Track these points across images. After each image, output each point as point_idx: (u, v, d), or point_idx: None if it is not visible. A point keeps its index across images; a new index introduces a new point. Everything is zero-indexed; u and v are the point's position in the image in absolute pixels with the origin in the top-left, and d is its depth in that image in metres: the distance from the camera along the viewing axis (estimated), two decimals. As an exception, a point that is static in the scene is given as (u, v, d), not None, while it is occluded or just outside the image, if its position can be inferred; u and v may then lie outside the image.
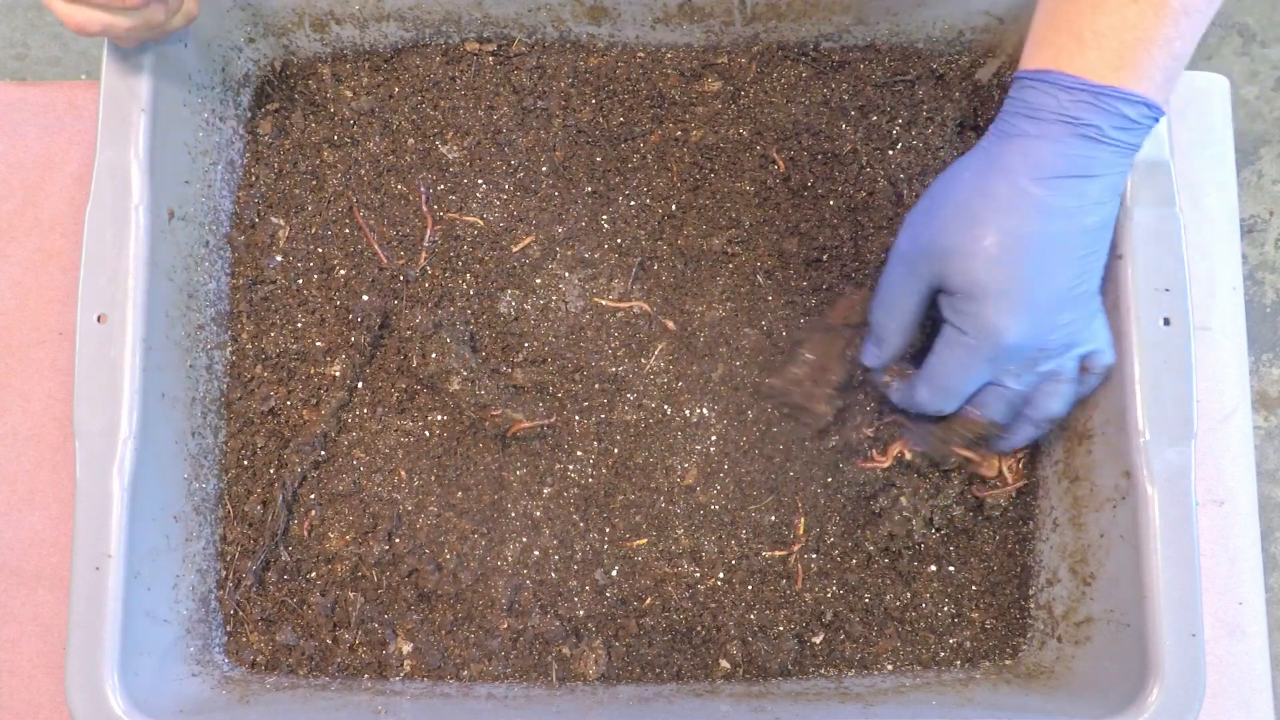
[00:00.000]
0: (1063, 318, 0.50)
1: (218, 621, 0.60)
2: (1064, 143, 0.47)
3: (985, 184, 0.49)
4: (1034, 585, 0.61)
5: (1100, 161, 0.48)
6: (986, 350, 0.51)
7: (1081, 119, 0.47)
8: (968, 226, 0.49)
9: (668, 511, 0.62)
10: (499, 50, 0.66)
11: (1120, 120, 0.47)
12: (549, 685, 0.60)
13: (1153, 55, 0.46)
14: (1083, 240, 0.49)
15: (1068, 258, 0.49)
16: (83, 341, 0.54)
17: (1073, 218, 0.48)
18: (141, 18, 0.50)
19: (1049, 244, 0.48)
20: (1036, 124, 0.48)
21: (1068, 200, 0.48)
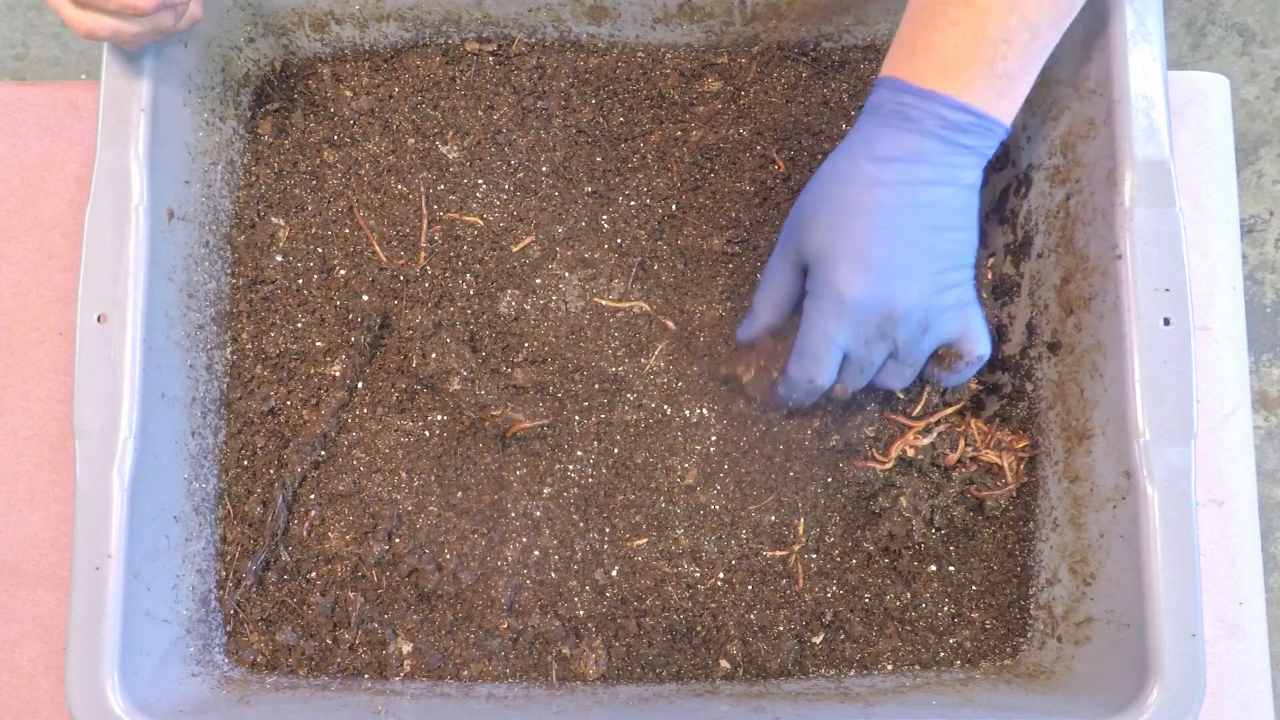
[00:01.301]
0: (911, 286, 0.54)
1: (218, 621, 0.60)
2: (894, 131, 0.53)
3: (835, 167, 0.55)
4: (1034, 585, 0.61)
5: (925, 150, 0.53)
6: (833, 308, 0.55)
7: (906, 114, 0.53)
8: (818, 201, 0.56)
9: (668, 511, 0.62)
10: (499, 50, 0.66)
11: (939, 120, 0.52)
12: (549, 685, 0.60)
13: (973, 71, 0.52)
14: (919, 214, 0.54)
15: (903, 228, 0.54)
16: (83, 341, 0.54)
17: (902, 193, 0.53)
18: (150, 24, 0.50)
19: (881, 213, 0.53)
20: (874, 118, 0.54)
21: (896, 176, 0.53)
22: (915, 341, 0.56)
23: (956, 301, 0.56)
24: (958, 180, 0.54)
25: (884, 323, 0.55)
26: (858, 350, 0.56)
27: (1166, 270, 0.54)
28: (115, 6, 0.48)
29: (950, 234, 0.55)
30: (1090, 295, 0.58)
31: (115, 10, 0.49)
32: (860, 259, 0.54)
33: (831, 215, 0.55)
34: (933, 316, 0.56)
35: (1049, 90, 0.62)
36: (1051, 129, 0.62)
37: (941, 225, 0.54)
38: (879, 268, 0.53)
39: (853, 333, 0.55)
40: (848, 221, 0.54)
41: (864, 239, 0.53)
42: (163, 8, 0.49)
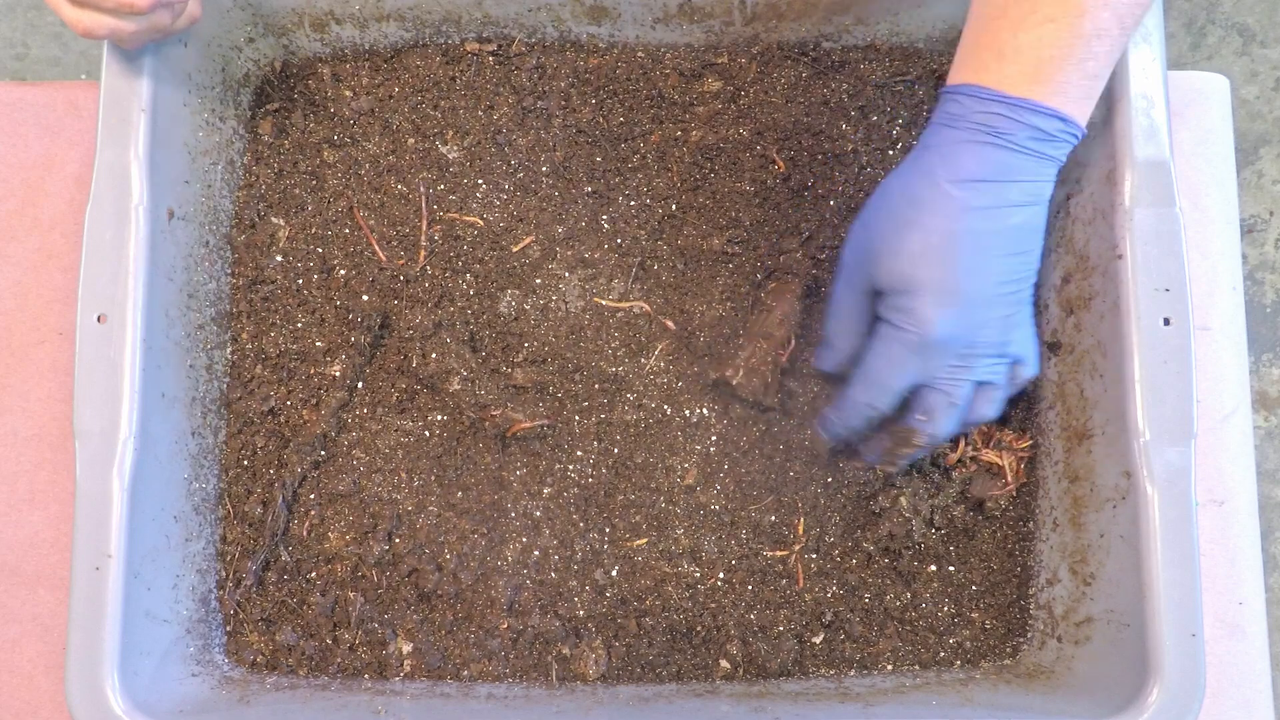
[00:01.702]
0: (992, 314, 0.52)
1: (218, 621, 0.60)
2: (981, 149, 0.50)
3: (909, 189, 0.52)
4: (1034, 585, 0.61)
5: (1016, 168, 0.50)
6: (915, 341, 0.52)
7: (996, 128, 0.50)
8: (895, 229, 0.52)
9: (668, 511, 0.62)
10: (499, 50, 0.66)
11: (1032, 131, 0.49)
12: (549, 685, 0.60)
13: (1066, 72, 0.49)
14: (1006, 239, 0.51)
15: (992, 254, 0.51)
16: (83, 341, 0.54)
17: (992, 217, 0.50)
18: (148, 22, 0.50)
19: (971, 240, 0.50)
20: (956, 133, 0.51)
21: (986, 200, 0.50)
22: (999, 365, 0.54)
23: (1027, 318, 0.55)
24: (1043, 197, 0.51)
25: (968, 354, 0.53)
26: (940, 382, 0.54)
27: (1166, 270, 0.54)
28: (113, 5, 0.48)
29: (1029, 254, 0.52)
30: (1090, 295, 0.58)
31: (113, 9, 0.49)
32: (947, 293, 0.51)
33: (913, 244, 0.51)
34: (1013, 339, 0.54)
35: (1049, 90, 0.62)
36: (1051, 129, 0.62)
37: (1023, 248, 0.52)
38: (966, 302, 0.51)
39: (935, 366, 0.53)
40: (933, 253, 0.51)
41: (954, 271, 0.50)
42: (159, 6, 0.49)
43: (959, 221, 0.50)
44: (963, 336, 0.52)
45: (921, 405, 0.55)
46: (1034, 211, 0.51)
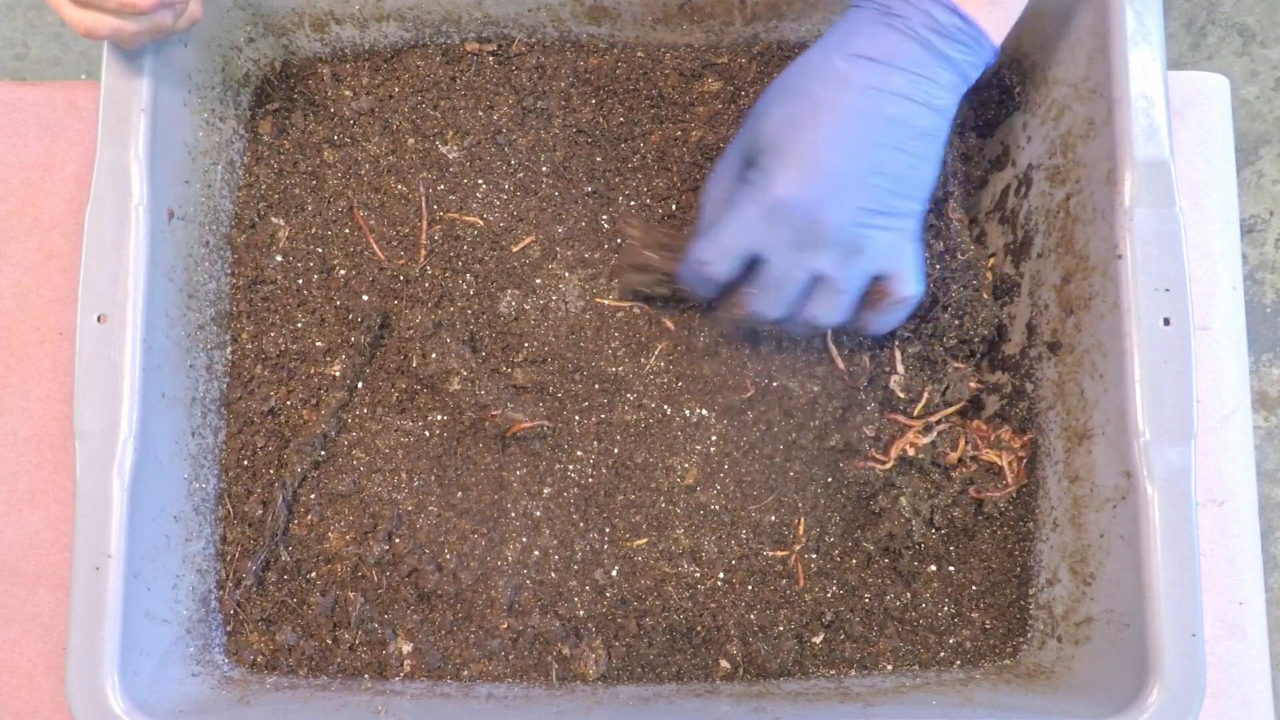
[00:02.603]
0: (847, 198, 0.50)
1: (218, 621, 0.60)
2: (874, 28, 0.50)
3: (805, 59, 0.52)
4: (1034, 585, 0.61)
5: (905, 54, 0.49)
6: (760, 198, 0.51)
7: (891, 9, 0.49)
8: (779, 93, 0.52)
9: (668, 511, 0.62)
10: (499, 50, 0.66)
11: (927, 19, 0.49)
12: (549, 685, 0.60)
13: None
14: (880, 127, 0.50)
15: (860, 135, 0.50)
16: (83, 341, 0.54)
17: (870, 97, 0.49)
18: (149, 23, 0.51)
19: (842, 113, 0.49)
20: (859, 12, 0.51)
21: (867, 79, 0.49)
22: (844, 264, 0.52)
23: (897, 231, 0.52)
24: (931, 98, 0.50)
25: (810, 231, 0.50)
26: (779, 259, 0.52)
27: (1166, 270, 0.54)
28: (114, 5, 0.48)
29: (908, 158, 0.51)
30: (1090, 295, 0.58)
31: (115, 9, 0.49)
32: (803, 157, 0.50)
33: (787, 108, 0.51)
34: (866, 240, 0.51)
35: (1049, 90, 0.62)
36: (1051, 129, 0.62)
37: (901, 145, 0.50)
38: (821, 171, 0.49)
39: (774, 235, 0.51)
40: (802, 117, 0.50)
41: (813, 138, 0.50)
42: (161, 7, 0.50)
43: (836, 93, 0.49)
44: (808, 207, 0.50)
45: (755, 276, 0.53)
46: (919, 110, 0.50)
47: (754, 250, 0.52)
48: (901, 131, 0.50)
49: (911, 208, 0.53)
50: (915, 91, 0.50)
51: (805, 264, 0.52)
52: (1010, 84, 0.65)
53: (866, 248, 0.52)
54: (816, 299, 0.53)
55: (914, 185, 0.52)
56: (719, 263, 0.53)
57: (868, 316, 0.55)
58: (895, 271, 0.53)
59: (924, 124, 0.51)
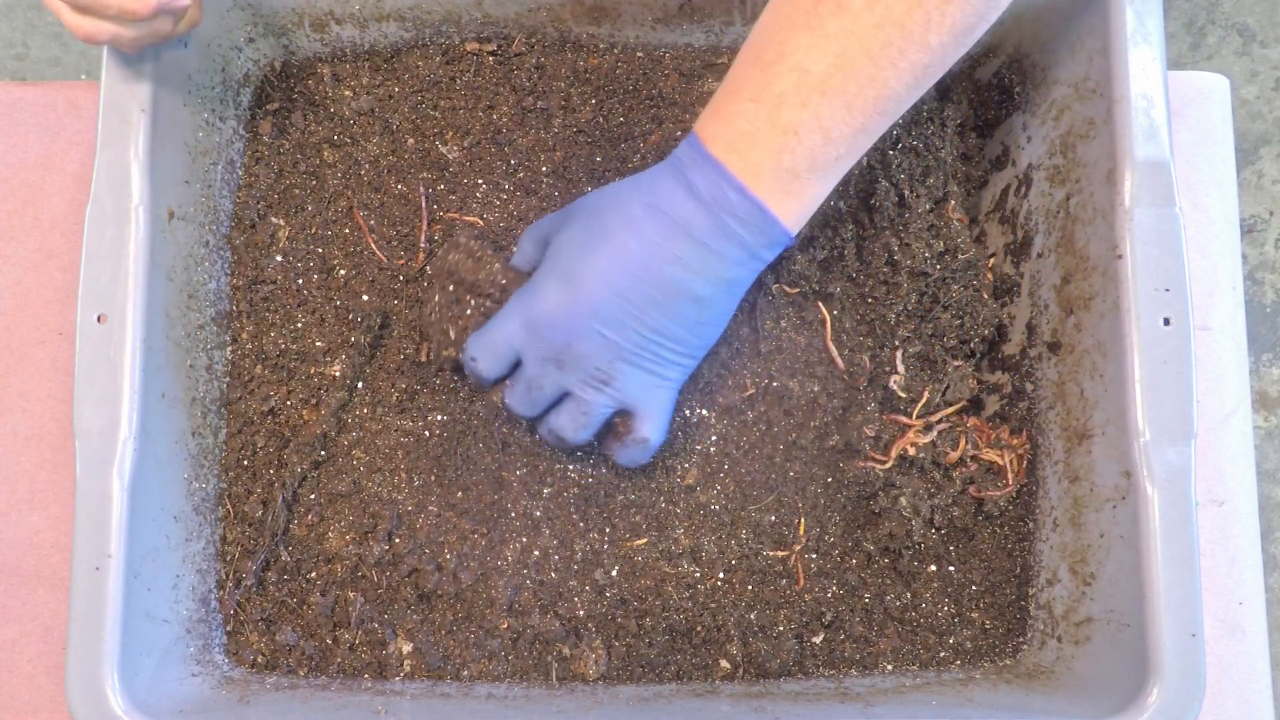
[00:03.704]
0: (596, 328, 0.51)
1: (218, 621, 0.60)
2: (674, 185, 0.51)
3: (615, 189, 0.53)
4: (1034, 585, 0.61)
5: (698, 225, 0.50)
6: (525, 309, 0.53)
7: (690, 176, 0.50)
8: (580, 214, 0.53)
9: (668, 511, 0.62)
10: (499, 50, 0.66)
11: (715, 194, 0.49)
12: (549, 685, 0.60)
13: (759, 156, 0.49)
14: (654, 282, 0.50)
15: (631, 282, 0.50)
16: (83, 341, 0.54)
17: (652, 251, 0.50)
18: (149, 28, 0.51)
19: (619, 255, 0.50)
20: (671, 164, 0.52)
21: (652, 233, 0.50)
22: (590, 389, 0.53)
23: (651, 375, 0.53)
24: (713, 270, 0.51)
25: (563, 352, 0.52)
26: (530, 365, 0.54)
27: (1166, 270, 0.54)
28: (114, 12, 0.48)
29: (676, 318, 0.51)
30: (1090, 295, 0.58)
31: (114, 15, 0.49)
32: (573, 284, 0.51)
33: (584, 226, 0.52)
34: (616, 375, 0.53)
35: (1049, 90, 0.62)
36: (1051, 129, 0.62)
37: (671, 305, 0.51)
38: (584, 302, 0.51)
39: (532, 345, 0.53)
40: (588, 240, 0.51)
41: (588, 269, 0.51)
42: (161, 12, 0.50)
43: (623, 235, 0.51)
44: (564, 331, 0.52)
45: (515, 373, 0.56)
46: (698, 280, 0.51)
47: (516, 352, 0.55)
48: (674, 293, 0.51)
49: (675, 360, 0.54)
50: (696, 261, 0.50)
51: (554, 378, 0.54)
52: (1010, 84, 0.65)
53: (615, 382, 0.53)
54: (563, 411, 0.55)
55: (684, 341, 0.53)
56: (484, 361, 0.55)
57: (611, 444, 0.57)
58: (640, 412, 0.55)
59: (701, 292, 0.51)
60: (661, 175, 0.51)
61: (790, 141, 0.48)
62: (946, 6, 0.47)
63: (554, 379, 0.54)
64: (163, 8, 0.49)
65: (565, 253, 0.52)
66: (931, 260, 0.63)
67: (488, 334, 0.55)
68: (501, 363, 0.55)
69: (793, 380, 0.63)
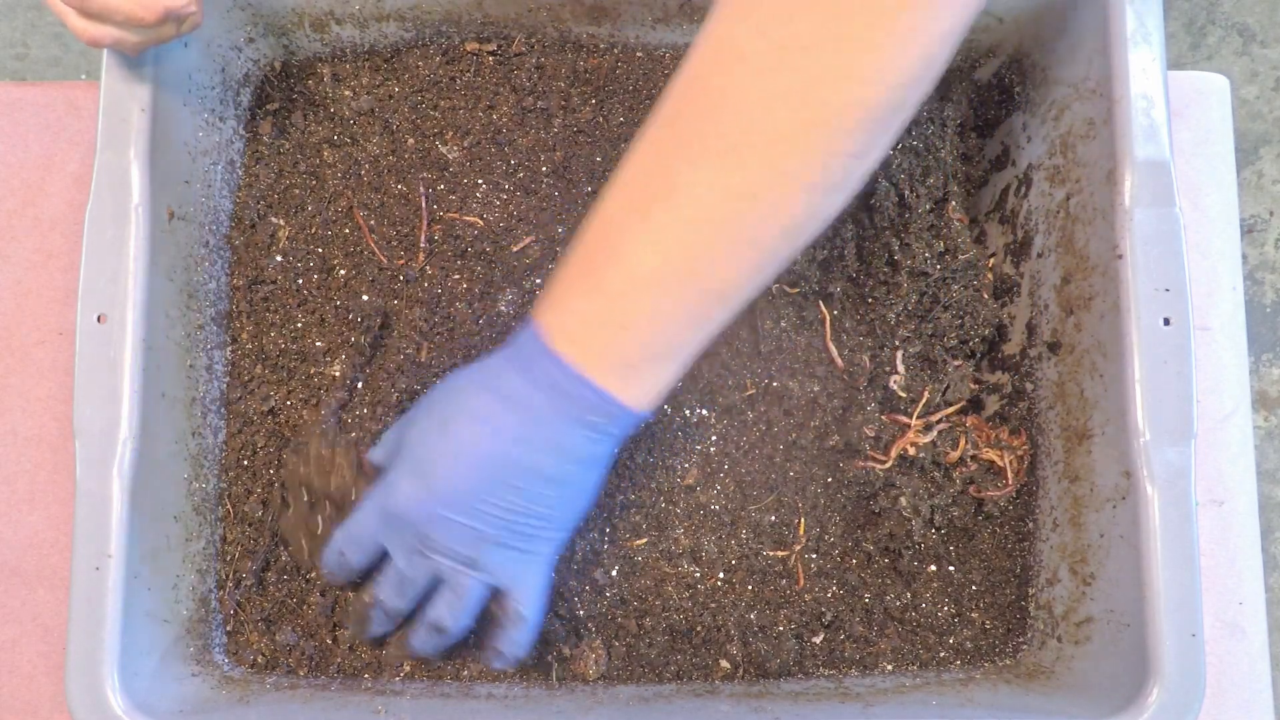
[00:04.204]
0: (457, 519, 0.51)
1: (218, 621, 0.60)
2: (517, 375, 0.50)
3: (459, 379, 0.53)
4: (1034, 585, 0.61)
5: (540, 412, 0.49)
6: (379, 498, 0.52)
7: (531, 365, 0.50)
8: (427, 405, 0.53)
9: (668, 511, 0.62)
10: (499, 50, 0.66)
11: (555, 379, 0.49)
12: (549, 685, 0.60)
13: (596, 346, 0.48)
14: (505, 466, 0.50)
15: (481, 469, 0.50)
16: (83, 341, 0.54)
17: (499, 437, 0.50)
18: (154, 33, 0.51)
19: (466, 444, 0.50)
20: (512, 352, 0.51)
21: (496, 416, 0.50)
22: (458, 574, 0.53)
23: (518, 553, 0.53)
24: (564, 452, 0.50)
25: (425, 540, 0.52)
26: (398, 557, 0.53)
27: (1166, 270, 0.54)
28: (121, 18, 0.49)
29: (535, 495, 0.51)
30: (1090, 295, 0.58)
31: (121, 21, 0.49)
32: (420, 472, 0.51)
33: (431, 417, 0.52)
34: (484, 555, 0.52)
35: (1049, 90, 0.62)
36: (1051, 129, 0.62)
37: (526, 486, 0.51)
38: (437, 493, 0.50)
39: (394, 537, 0.53)
40: (435, 430, 0.51)
41: (436, 455, 0.51)
42: (167, 18, 0.50)
43: (468, 425, 0.50)
44: (420, 522, 0.51)
45: (383, 566, 0.54)
46: (550, 460, 0.50)
47: (379, 545, 0.54)
48: (526, 476, 0.50)
49: (540, 535, 0.53)
50: (544, 445, 0.50)
51: (423, 567, 0.53)
52: (1010, 84, 0.65)
53: (481, 564, 0.52)
54: (438, 600, 0.54)
55: (545, 519, 0.52)
56: (352, 553, 0.54)
57: (493, 633, 0.55)
58: (513, 590, 0.54)
59: (553, 473, 0.51)
60: (504, 364, 0.51)
61: (627, 335, 0.48)
62: (780, 201, 0.45)
63: (422, 568, 0.53)
64: (169, 13, 0.49)
65: (414, 445, 0.52)
66: (931, 260, 0.63)
67: (350, 527, 0.54)
68: (367, 554, 0.54)
69: (793, 380, 0.63)
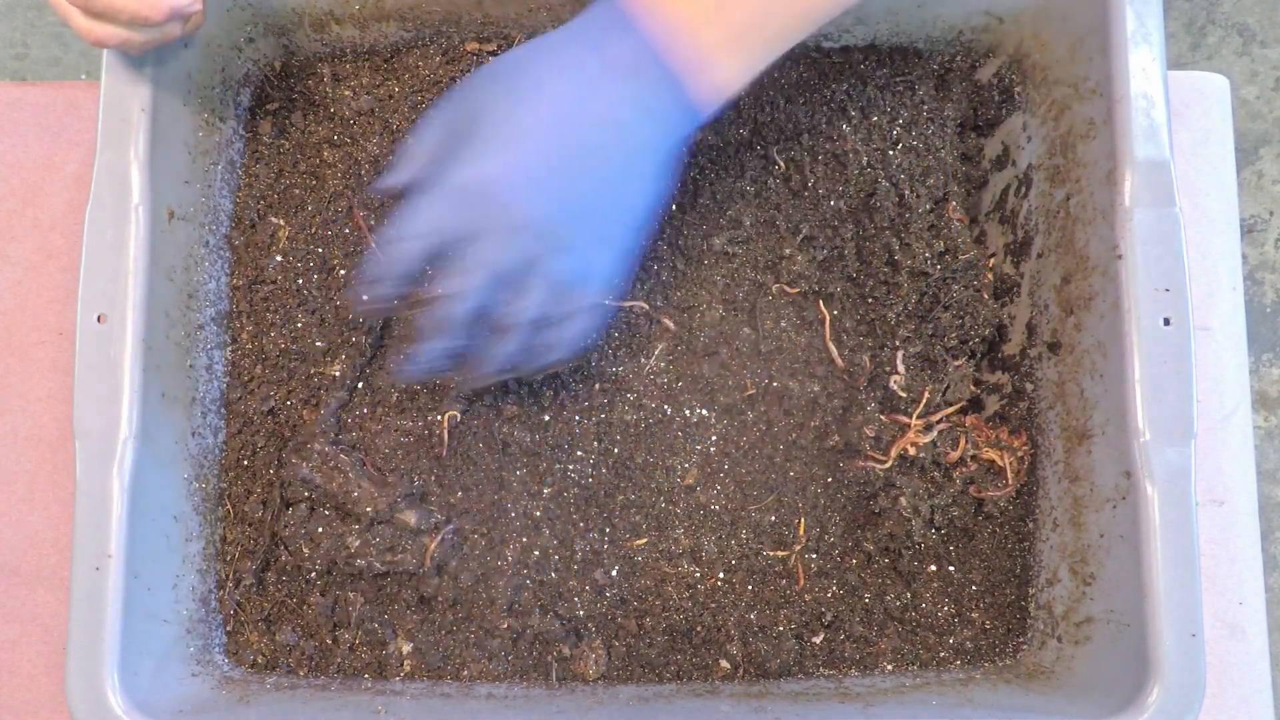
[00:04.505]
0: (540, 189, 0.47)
1: (218, 621, 0.60)
2: (614, 37, 0.47)
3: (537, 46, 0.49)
4: (1034, 585, 0.61)
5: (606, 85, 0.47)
6: (456, 174, 0.48)
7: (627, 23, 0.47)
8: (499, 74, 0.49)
9: (668, 511, 0.62)
10: (499, 50, 0.66)
11: (622, 58, 0.47)
12: (549, 685, 0.60)
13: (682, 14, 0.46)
14: (577, 141, 0.47)
15: (559, 142, 0.47)
16: (83, 341, 0.54)
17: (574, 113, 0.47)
18: (159, 32, 0.51)
19: (546, 119, 0.47)
20: (601, 11, 0.48)
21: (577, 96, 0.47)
22: (549, 256, 0.49)
23: (600, 240, 0.50)
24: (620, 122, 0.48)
25: (510, 216, 0.48)
26: (481, 244, 0.48)
27: (1166, 270, 0.54)
28: (127, 17, 0.49)
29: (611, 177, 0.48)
30: (1090, 295, 0.58)
31: (127, 21, 0.49)
32: (508, 145, 0.47)
33: (504, 93, 0.48)
34: (570, 236, 0.48)
35: (1049, 90, 0.62)
36: (1051, 129, 0.62)
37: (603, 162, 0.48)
38: (523, 165, 0.47)
39: (474, 216, 0.48)
40: (520, 107, 0.47)
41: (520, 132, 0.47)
42: (173, 17, 0.50)
43: (545, 100, 0.47)
44: (507, 194, 0.47)
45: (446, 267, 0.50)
46: (605, 131, 0.47)
47: (448, 231, 0.49)
48: (601, 155, 0.48)
49: (616, 222, 0.50)
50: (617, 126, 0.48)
51: (504, 249, 0.48)
52: (1010, 84, 0.65)
53: (566, 244, 0.49)
54: (529, 290, 0.50)
55: (617, 206, 0.50)
56: (416, 243, 0.49)
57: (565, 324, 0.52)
58: (590, 275, 0.51)
59: (622, 158, 0.48)
60: (593, 28, 0.48)
61: (721, 12, 0.46)
62: None
63: (503, 250, 0.48)
64: (175, 12, 0.49)
65: (492, 117, 0.48)
66: (931, 260, 0.63)
67: (420, 209, 0.49)
68: (431, 244, 0.49)
69: (793, 380, 0.63)
